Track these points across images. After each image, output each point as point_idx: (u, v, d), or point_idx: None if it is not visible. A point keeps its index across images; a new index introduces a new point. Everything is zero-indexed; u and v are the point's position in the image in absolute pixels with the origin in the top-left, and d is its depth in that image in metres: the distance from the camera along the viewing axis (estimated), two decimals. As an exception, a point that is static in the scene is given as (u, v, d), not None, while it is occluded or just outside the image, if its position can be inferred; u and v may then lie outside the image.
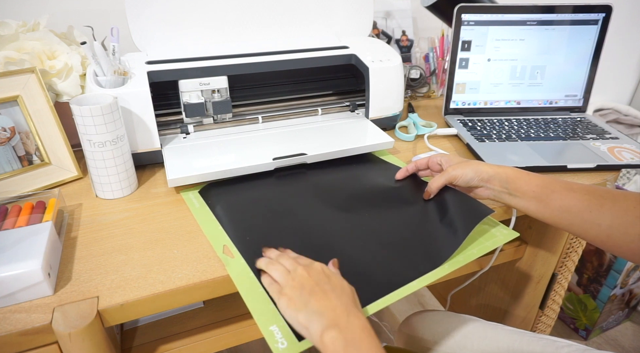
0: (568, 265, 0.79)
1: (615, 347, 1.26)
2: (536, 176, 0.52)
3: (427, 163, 0.61)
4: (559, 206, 0.50)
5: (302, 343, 0.39)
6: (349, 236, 0.52)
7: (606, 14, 0.82)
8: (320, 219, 0.55)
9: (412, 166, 0.62)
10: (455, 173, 0.55)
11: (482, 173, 0.54)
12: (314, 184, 0.63)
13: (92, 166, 0.59)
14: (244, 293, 0.44)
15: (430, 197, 0.58)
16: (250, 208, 0.57)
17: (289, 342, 0.39)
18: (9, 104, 0.60)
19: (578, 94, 0.88)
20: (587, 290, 1.24)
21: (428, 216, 0.56)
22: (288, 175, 0.65)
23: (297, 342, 0.39)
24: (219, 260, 0.49)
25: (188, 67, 0.68)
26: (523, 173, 0.53)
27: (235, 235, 0.52)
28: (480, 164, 0.55)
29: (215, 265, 0.48)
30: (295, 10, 0.80)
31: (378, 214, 0.57)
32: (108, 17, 0.84)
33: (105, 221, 0.56)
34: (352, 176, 0.66)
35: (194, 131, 0.73)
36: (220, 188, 0.62)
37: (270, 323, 0.41)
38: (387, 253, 0.50)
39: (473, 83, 0.87)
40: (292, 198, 0.60)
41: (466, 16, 0.81)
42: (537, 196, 0.51)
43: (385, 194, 0.61)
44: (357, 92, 0.85)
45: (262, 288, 0.44)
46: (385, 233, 0.53)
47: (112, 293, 0.44)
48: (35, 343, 0.41)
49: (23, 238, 0.46)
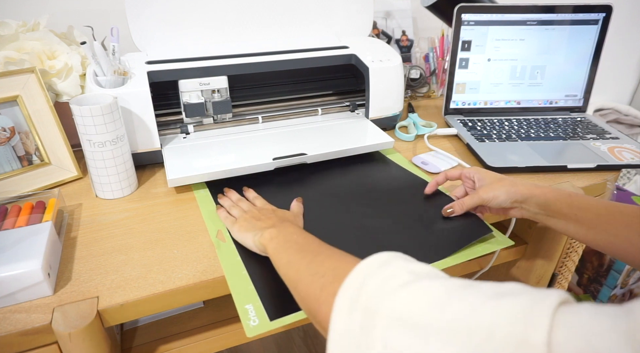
0: (568, 265, 0.79)
1: (616, 347, 1.26)
2: (577, 197, 0.50)
3: (459, 176, 0.58)
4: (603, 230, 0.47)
5: (274, 323, 0.41)
6: (345, 234, 0.53)
7: (606, 14, 0.82)
8: (317, 215, 0.56)
9: (442, 177, 0.60)
10: (486, 196, 0.52)
11: (516, 194, 0.51)
12: (316, 183, 0.64)
13: (92, 166, 0.59)
14: (227, 273, 0.47)
15: (452, 215, 0.55)
16: None
17: (260, 320, 0.41)
18: (8, 104, 0.60)
19: (578, 94, 0.88)
20: (587, 290, 1.24)
21: (426, 222, 0.56)
22: (290, 171, 0.66)
23: (268, 321, 0.41)
24: (219, 260, 0.49)
25: (188, 67, 0.68)
26: (563, 194, 0.50)
27: None
28: (515, 184, 0.52)
29: (215, 265, 0.48)
30: (295, 10, 0.80)
31: (378, 215, 0.57)
32: (108, 17, 0.84)
33: (105, 221, 0.56)
34: (355, 175, 0.66)
35: (194, 131, 0.73)
36: (227, 183, 0.63)
37: (246, 302, 0.43)
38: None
39: (473, 83, 0.87)
40: (294, 194, 0.61)
41: (466, 16, 0.81)
42: (579, 219, 0.48)
43: (389, 195, 0.61)
44: (357, 92, 0.85)
45: (246, 271, 0.47)
46: (384, 234, 0.53)
47: (112, 293, 0.44)
48: (35, 343, 0.41)
49: (23, 238, 0.46)
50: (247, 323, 0.41)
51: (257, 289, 0.45)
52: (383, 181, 0.65)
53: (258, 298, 0.44)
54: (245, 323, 0.41)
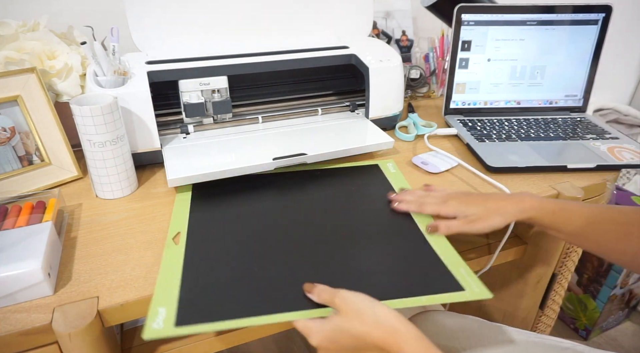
0: (568, 265, 0.79)
1: (615, 347, 1.26)
2: (561, 212, 0.51)
3: (437, 212, 0.56)
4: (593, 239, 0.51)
5: (177, 329, 0.40)
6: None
7: (606, 14, 0.82)
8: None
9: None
10: (474, 228, 0.52)
11: (496, 218, 0.52)
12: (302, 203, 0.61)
13: (92, 166, 0.59)
14: (162, 273, 0.46)
15: (436, 233, 0.54)
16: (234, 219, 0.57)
17: (165, 325, 0.40)
18: (9, 104, 0.60)
19: (578, 94, 0.88)
20: (587, 290, 1.24)
21: (403, 255, 0.51)
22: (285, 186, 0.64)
23: (172, 327, 0.40)
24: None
25: (188, 67, 0.68)
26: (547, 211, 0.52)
27: (197, 232, 0.53)
28: (494, 207, 0.52)
29: (215, 265, 0.48)
30: (295, 11, 0.80)
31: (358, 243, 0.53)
32: (108, 17, 0.84)
33: (105, 221, 0.56)
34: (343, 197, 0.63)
35: (194, 131, 0.73)
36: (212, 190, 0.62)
37: (161, 305, 0.42)
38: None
39: (473, 83, 0.87)
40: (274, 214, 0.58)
41: (466, 16, 0.81)
42: (562, 230, 0.52)
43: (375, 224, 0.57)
44: (357, 92, 0.85)
45: (180, 278, 0.45)
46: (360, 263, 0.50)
47: (112, 293, 0.44)
48: (35, 343, 0.41)
49: (23, 238, 0.46)
50: (149, 324, 0.39)
51: (181, 297, 0.43)
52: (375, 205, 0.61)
53: (176, 305, 0.42)
54: (149, 324, 0.40)
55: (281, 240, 0.53)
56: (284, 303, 0.43)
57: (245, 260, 0.49)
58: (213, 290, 0.45)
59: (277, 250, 0.51)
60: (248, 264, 0.48)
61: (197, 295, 0.44)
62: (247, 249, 0.51)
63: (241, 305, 0.43)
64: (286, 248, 0.52)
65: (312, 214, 0.58)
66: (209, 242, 0.52)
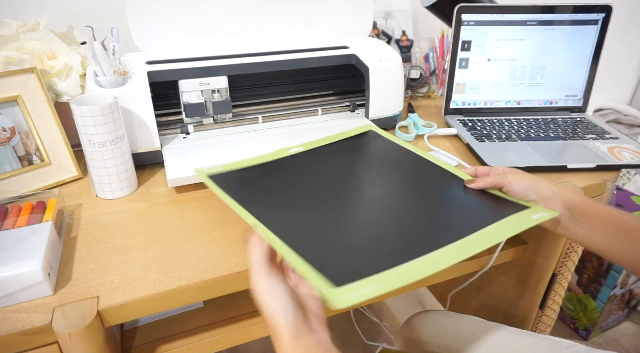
0: (568, 265, 0.79)
1: (615, 347, 1.26)
2: (604, 205, 0.48)
3: (489, 172, 0.55)
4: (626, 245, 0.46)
5: (341, 289, 0.36)
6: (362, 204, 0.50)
7: (606, 14, 0.82)
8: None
9: (472, 171, 0.56)
10: (511, 177, 0.50)
11: (543, 187, 0.49)
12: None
13: (92, 166, 0.59)
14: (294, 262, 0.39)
15: (471, 185, 0.53)
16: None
17: (327, 291, 0.36)
18: (9, 104, 0.60)
19: (578, 94, 0.88)
20: (587, 290, 1.24)
21: (459, 199, 0.52)
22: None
23: (333, 289, 0.35)
24: (219, 260, 0.49)
25: (188, 67, 0.68)
26: (590, 200, 0.49)
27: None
28: (543, 181, 0.50)
29: (215, 265, 0.48)
30: (295, 10, 0.80)
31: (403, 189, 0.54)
32: (108, 17, 0.84)
33: (105, 221, 0.56)
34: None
35: (194, 131, 0.73)
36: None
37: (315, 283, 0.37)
38: (404, 221, 0.47)
39: (473, 83, 0.87)
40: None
41: (466, 16, 0.81)
42: (606, 228, 0.47)
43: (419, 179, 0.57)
44: (357, 92, 0.85)
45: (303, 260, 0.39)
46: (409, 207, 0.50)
47: (112, 293, 0.44)
48: (35, 343, 0.41)
49: (23, 238, 0.46)
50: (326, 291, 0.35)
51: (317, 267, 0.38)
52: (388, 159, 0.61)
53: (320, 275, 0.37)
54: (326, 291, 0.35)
55: (343, 198, 0.50)
56: (413, 247, 0.41)
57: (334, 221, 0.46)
58: (337, 251, 0.41)
59: (346, 207, 0.49)
60: (342, 224, 0.45)
61: (332, 258, 0.39)
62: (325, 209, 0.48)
63: (380, 254, 0.40)
64: (352, 206, 0.49)
65: (354, 185, 0.55)
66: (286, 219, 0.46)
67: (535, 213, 0.47)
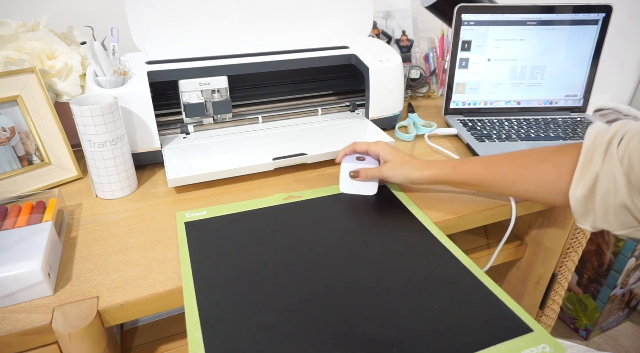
0: (568, 265, 0.79)
1: (615, 347, 1.26)
2: (461, 168, 0.55)
3: (366, 150, 0.61)
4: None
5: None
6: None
7: (606, 14, 0.82)
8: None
9: (351, 149, 0.62)
10: (387, 174, 0.58)
11: (413, 179, 0.57)
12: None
13: (92, 166, 0.59)
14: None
15: (357, 178, 0.60)
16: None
17: None
18: (9, 104, 0.60)
19: (578, 94, 0.88)
20: (587, 290, 1.24)
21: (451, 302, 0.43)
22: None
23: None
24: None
25: (188, 67, 0.68)
26: (448, 173, 0.56)
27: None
28: (414, 168, 0.56)
29: (215, 265, 0.48)
30: (295, 10, 0.80)
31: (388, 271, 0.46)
32: (108, 17, 0.84)
33: (105, 221, 0.56)
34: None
35: (194, 131, 0.73)
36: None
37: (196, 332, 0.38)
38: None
39: (473, 83, 0.87)
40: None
41: (466, 16, 0.81)
42: (475, 181, 0.55)
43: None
44: (357, 92, 0.85)
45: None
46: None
47: (112, 293, 0.44)
48: (35, 343, 0.41)
49: (23, 238, 0.46)
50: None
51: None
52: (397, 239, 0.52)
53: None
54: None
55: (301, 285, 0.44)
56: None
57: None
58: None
59: (302, 300, 0.42)
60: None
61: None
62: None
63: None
64: (312, 298, 0.42)
65: (329, 252, 0.48)
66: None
67: (534, 345, 0.38)
